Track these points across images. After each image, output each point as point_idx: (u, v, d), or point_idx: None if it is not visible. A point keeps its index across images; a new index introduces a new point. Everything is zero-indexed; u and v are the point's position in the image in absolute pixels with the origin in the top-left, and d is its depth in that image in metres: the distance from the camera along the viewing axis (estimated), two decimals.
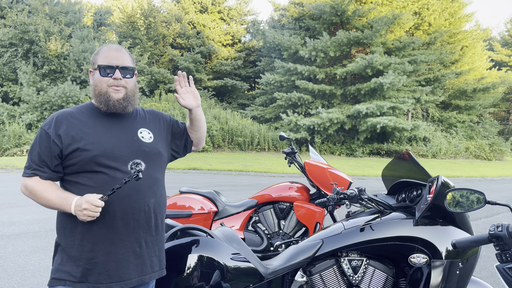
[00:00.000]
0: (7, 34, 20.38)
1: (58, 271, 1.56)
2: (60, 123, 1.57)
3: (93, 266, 1.54)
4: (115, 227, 1.56)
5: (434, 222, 2.09)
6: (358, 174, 13.01)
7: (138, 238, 1.62)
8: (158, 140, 1.77)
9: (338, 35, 19.56)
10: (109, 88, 1.62)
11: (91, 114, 1.66)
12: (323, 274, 2.14)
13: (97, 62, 1.64)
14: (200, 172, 12.65)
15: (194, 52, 26.11)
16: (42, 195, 1.53)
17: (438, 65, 23.77)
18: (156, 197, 1.69)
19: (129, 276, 1.58)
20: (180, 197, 3.76)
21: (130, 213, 1.58)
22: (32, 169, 1.57)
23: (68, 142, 1.54)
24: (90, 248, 1.54)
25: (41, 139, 1.57)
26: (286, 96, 20.10)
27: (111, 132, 1.63)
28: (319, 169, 3.88)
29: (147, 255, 1.65)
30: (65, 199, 1.51)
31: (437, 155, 20.57)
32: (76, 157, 1.54)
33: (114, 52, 1.65)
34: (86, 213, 1.46)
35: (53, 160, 1.55)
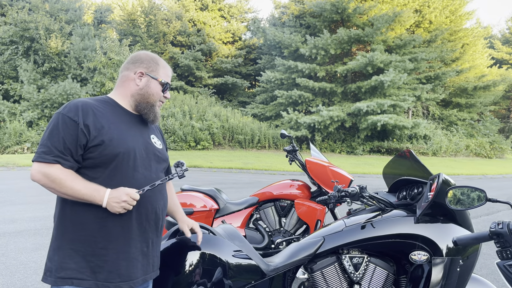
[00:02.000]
0: (7, 32, 20.36)
1: (63, 269, 1.49)
2: (87, 112, 1.53)
3: (104, 264, 1.51)
4: (130, 227, 1.56)
5: (435, 219, 2.10)
6: (358, 172, 13.02)
7: (147, 239, 1.63)
8: (164, 147, 1.84)
9: (339, 32, 19.54)
10: (158, 102, 1.72)
11: (114, 110, 1.65)
12: (324, 271, 2.15)
13: (159, 74, 1.73)
14: (201, 169, 12.66)
15: (194, 50, 26.09)
16: (68, 185, 1.45)
17: (439, 63, 23.74)
18: (164, 199, 1.75)
19: (137, 275, 1.59)
20: (182, 195, 3.77)
21: (144, 214, 1.60)
22: (54, 155, 1.46)
23: (95, 134, 1.50)
24: (104, 245, 1.51)
25: (65, 125, 1.48)
26: (287, 94, 20.10)
27: (132, 132, 1.64)
28: (320, 167, 3.89)
29: (151, 255, 1.67)
30: (96, 191, 1.47)
31: (438, 153, 20.58)
32: (99, 151, 1.51)
33: (170, 72, 1.80)
34: (123, 205, 1.47)
35: (78, 150, 1.49)
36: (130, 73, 1.70)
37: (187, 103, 21.21)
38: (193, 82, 26.75)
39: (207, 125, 19.34)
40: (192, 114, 20.16)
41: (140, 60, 1.72)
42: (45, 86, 19.65)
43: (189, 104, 21.19)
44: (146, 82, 1.70)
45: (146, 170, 1.63)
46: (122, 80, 1.72)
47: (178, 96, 22.32)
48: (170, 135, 18.75)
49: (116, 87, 1.74)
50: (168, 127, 18.84)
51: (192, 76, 26.43)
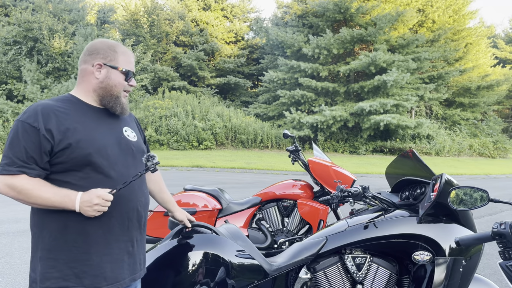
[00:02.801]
0: (11, 32, 20.45)
1: (47, 279, 1.43)
2: (48, 116, 1.43)
3: (88, 269, 1.45)
4: (111, 228, 1.50)
5: (437, 219, 2.10)
6: (361, 171, 13.01)
7: (132, 238, 1.58)
8: (140, 139, 1.74)
9: (342, 32, 19.51)
10: (122, 92, 1.62)
11: (77, 109, 1.54)
12: (327, 271, 2.16)
13: (119, 63, 1.60)
14: (204, 169, 12.68)
15: (197, 50, 26.11)
16: (36, 194, 1.38)
17: (442, 62, 23.68)
18: (145, 196, 1.68)
19: (123, 276, 1.54)
20: (184, 195, 3.78)
21: (125, 212, 1.54)
22: (17, 166, 1.39)
23: (59, 138, 1.42)
24: (85, 249, 1.45)
25: (26, 133, 1.40)
26: (289, 93, 20.09)
27: (101, 129, 1.55)
28: (322, 167, 3.89)
29: (137, 254, 1.62)
30: (67, 196, 1.40)
31: (441, 153, 20.52)
32: (67, 155, 1.43)
33: (132, 58, 1.66)
34: (96, 208, 1.40)
35: (42, 157, 1.41)
36: (88, 66, 1.58)
37: (190, 103, 21.23)
38: (195, 82, 26.78)
39: (209, 125, 19.36)
40: (194, 114, 20.19)
41: (96, 50, 1.58)
42: (48, 86, 19.72)
43: (192, 104, 21.21)
44: (106, 74, 1.58)
45: (123, 166, 1.55)
46: (81, 75, 1.60)
47: (181, 96, 22.35)
48: (173, 134, 18.77)
49: (77, 83, 1.62)
50: (171, 127, 18.87)
51: (195, 76, 26.46)
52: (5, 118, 19.09)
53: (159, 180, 1.97)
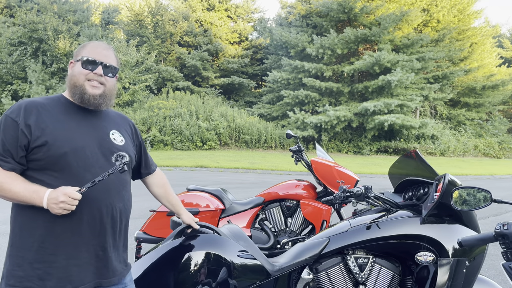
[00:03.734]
0: (16, 33, 20.58)
1: (12, 276, 1.43)
2: (30, 112, 1.45)
3: (53, 270, 1.43)
4: (80, 231, 1.46)
5: (440, 220, 2.09)
6: (365, 172, 12.97)
7: (103, 243, 1.53)
8: (129, 144, 1.71)
9: (346, 32, 19.47)
10: (86, 81, 1.56)
11: (63, 108, 1.56)
12: (329, 272, 2.15)
13: (82, 55, 1.57)
14: (207, 169, 12.69)
15: (201, 50, 26.16)
16: (7, 187, 1.39)
17: (447, 62, 23.56)
18: (124, 201, 1.62)
19: (89, 279, 1.50)
20: (187, 195, 3.78)
21: (98, 217, 1.50)
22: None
23: (37, 134, 1.42)
24: (52, 251, 1.43)
25: (6, 126, 1.42)
26: (293, 93, 20.07)
27: (83, 130, 1.54)
28: (326, 167, 3.88)
29: (109, 259, 1.56)
30: (35, 192, 1.39)
31: (446, 153, 20.43)
32: (43, 152, 1.43)
33: (101, 49, 1.62)
34: (62, 206, 1.37)
35: (18, 151, 1.42)
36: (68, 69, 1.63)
37: (194, 103, 21.26)
38: (199, 82, 26.82)
39: (213, 125, 19.38)
40: (198, 114, 20.22)
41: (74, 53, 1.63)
42: (53, 87, 19.82)
43: (196, 104, 21.24)
44: (72, 68, 1.59)
45: (100, 169, 1.51)
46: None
47: (185, 96, 22.40)
48: (177, 135, 18.81)
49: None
50: (175, 127, 18.91)
51: (199, 76, 26.50)
52: None
53: (164, 184, 1.97)
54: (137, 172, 1.89)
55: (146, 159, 1.90)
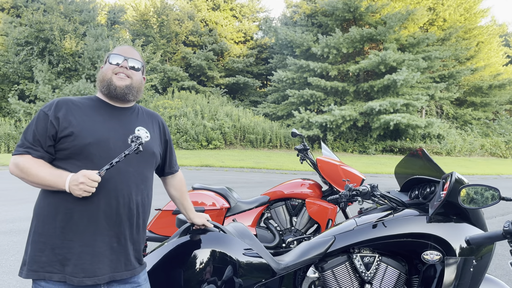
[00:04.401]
0: (23, 33, 20.71)
1: (35, 262, 1.50)
2: (60, 107, 1.59)
3: (71, 257, 1.49)
4: (97, 219, 1.52)
5: (447, 219, 2.07)
6: (371, 171, 12.93)
7: (118, 234, 1.57)
8: (154, 140, 1.76)
9: (351, 31, 19.41)
10: (114, 75, 1.68)
11: (93, 105, 1.67)
12: (335, 270, 2.14)
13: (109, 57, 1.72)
14: (213, 169, 12.71)
15: (206, 50, 26.19)
16: (34, 172, 1.49)
17: (453, 61, 23.41)
18: (143, 195, 1.67)
19: (103, 272, 1.53)
20: (193, 193, 3.79)
21: (115, 207, 1.55)
22: (25, 147, 1.54)
23: (64, 125, 1.54)
24: (71, 237, 1.50)
25: (39, 119, 1.56)
26: (298, 93, 20.04)
27: (109, 124, 1.63)
28: (331, 166, 3.87)
29: (123, 252, 1.59)
30: (59, 176, 1.48)
31: (452, 153, 20.31)
32: (69, 142, 1.53)
33: (127, 48, 1.75)
34: (82, 187, 1.44)
35: (47, 140, 1.54)
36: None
37: (199, 103, 21.30)
38: (205, 82, 26.86)
39: (218, 124, 19.40)
40: (204, 113, 20.24)
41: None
42: (59, 86, 19.93)
43: (201, 103, 21.27)
44: (101, 70, 1.73)
45: (122, 162, 1.56)
46: None
47: (190, 96, 22.44)
48: (182, 134, 18.85)
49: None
50: (180, 126, 18.95)
51: (204, 76, 26.54)
52: (17, 118, 19.34)
53: (181, 187, 2.02)
54: (161, 170, 1.95)
55: (171, 158, 1.96)
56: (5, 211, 6.22)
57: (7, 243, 4.70)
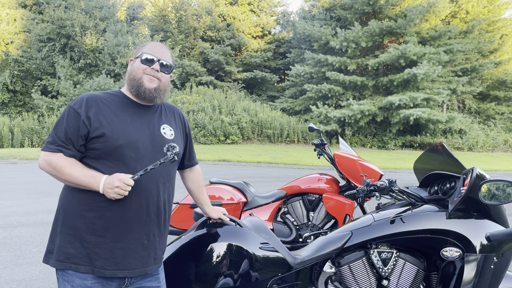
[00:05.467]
0: (45, 29, 21.13)
1: (62, 252, 1.54)
2: (90, 105, 1.59)
3: (101, 251, 1.54)
4: (128, 218, 1.57)
5: (468, 215, 2.03)
6: (390, 167, 12.77)
7: (148, 231, 1.63)
8: (178, 137, 1.80)
9: (370, 25, 19.13)
10: (144, 75, 1.68)
11: (120, 103, 1.68)
12: (352, 266, 2.12)
13: (141, 51, 1.72)
14: (230, 163, 12.76)
15: (224, 45, 26.24)
16: (67, 172, 1.52)
17: (476, 54, 22.84)
18: (169, 193, 1.73)
19: (134, 266, 1.59)
20: (210, 187, 3.81)
21: (145, 206, 1.60)
22: (57, 145, 1.55)
23: (96, 125, 1.55)
24: (102, 233, 1.54)
25: (70, 117, 1.57)
26: (316, 87, 19.90)
27: (136, 124, 1.65)
28: (349, 161, 3.83)
29: (152, 248, 1.66)
30: (93, 177, 1.51)
31: (474, 148, 19.88)
32: (100, 142, 1.55)
33: (159, 47, 1.75)
34: (117, 190, 1.49)
35: (79, 140, 1.55)
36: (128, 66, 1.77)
37: (217, 98, 21.38)
38: (222, 77, 26.93)
39: (236, 119, 19.45)
40: (221, 108, 20.32)
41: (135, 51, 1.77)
42: (80, 82, 20.29)
43: (219, 98, 21.35)
44: (131, 65, 1.73)
45: (150, 162, 1.62)
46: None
47: (208, 91, 22.54)
48: (200, 129, 18.98)
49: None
50: (198, 121, 19.07)
51: (222, 71, 26.61)
52: (40, 112, 19.80)
53: (199, 181, 2.05)
54: (181, 163, 1.98)
55: (190, 151, 1.99)
56: (28, 203, 6.39)
57: (30, 234, 4.83)
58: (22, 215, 5.70)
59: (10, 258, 4.05)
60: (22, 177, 9.12)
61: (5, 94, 20.65)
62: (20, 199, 6.66)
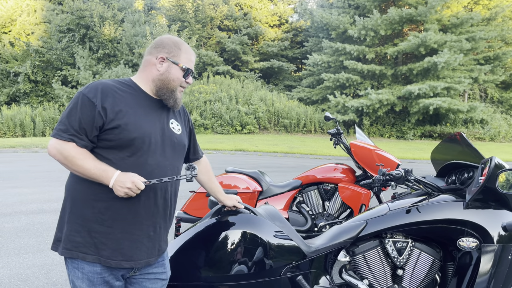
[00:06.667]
0: (64, 20, 21.41)
1: (70, 241, 1.55)
2: (106, 95, 1.56)
3: (108, 241, 1.55)
4: (136, 210, 1.58)
5: (486, 205, 2.00)
6: (408, 157, 12.60)
7: (154, 223, 1.65)
8: (184, 132, 1.82)
9: (390, 12, 18.74)
10: (179, 87, 1.71)
11: (134, 95, 1.66)
12: (366, 255, 2.12)
13: (181, 60, 1.69)
14: (247, 153, 12.79)
15: (241, 34, 26.14)
16: (79, 163, 1.50)
17: (499, 42, 22.17)
18: (175, 186, 1.75)
19: (140, 257, 1.61)
20: (226, 176, 3.84)
21: (153, 199, 1.62)
22: (70, 134, 1.51)
23: (112, 117, 1.53)
24: (110, 224, 1.55)
25: (84, 105, 1.53)
26: (334, 77, 19.68)
27: (149, 118, 1.64)
28: (365, 150, 3.80)
29: (157, 240, 1.68)
30: (105, 171, 1.51)
31: (496, 138, 19.43)
32: (114, 134, 1.54)
33: (193, 57, 1.76)
34: (127, 191, 1.50)
35: (93, 131, 1.52)
36: (152, 58, 1.69)
37: (234, 88, 21.38)
38: (239, 66, 26.88)
39: (253, 109, 19.44)
40: (238, 98, 20.32)
41: (162, 45, 1.69)
42: (99, 72, 20.54)
43: (236, 88, 21.35)
44: (166, 68, 1.68)
45: (161, 156, 1.63)
46: (144, 65, 1.72)
47: (225, 81, 22.55)
48: (217, 119, 19.04)
49: (139, 70, 1.74)
50: (215, 111, 19.14)
51: (239, 61, 26.55)
52: (61, 102, 20.17)
53: (208, 171, 2.06)
54: (186, 158, 1.99)
55: (195, 145, 2.00)
56: (50, 191, 6.56)
57: (52, 221, 4.97)
58: (44, 202, 5.85)
59: (32, 244, 4.18)
60: (44, 165, 9.35)
61: (27, 84, 21.06)
62: (42, 187, 6.83)
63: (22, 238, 4.36)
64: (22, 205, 5.68)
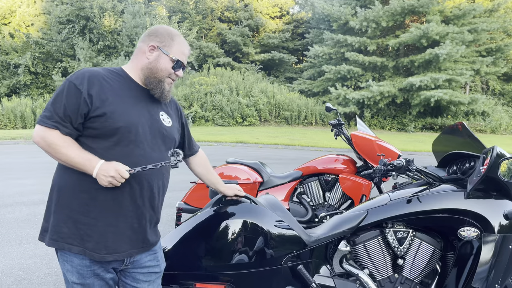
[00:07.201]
0: (64, 11, 21.30)
1: (56, 232, 1.53)
2: (93, 83, 1.52)
3: (93, 234, 1.52)
4: (121, 202, 1.55)
5: (487, 195, 2.00)
6: (409, 149, 12.59)
7: (139, 216, 1.61)
8: (175, 125, 1.78)
9: (391, 3, 18.61)
10: (167, 78, 1.67)
11: (123, 83, 1.63)
12: (367, 244, 2.13)
13: (172, 50, 1.66)
14: (247, 145, 12.79)
15: (242, 26, 26.01)
16: (63, 151, 1.47)
17: (501, 34, 22.03)
18: (163, 179, 1.70)
19: (123, 249, 1.58)
20: (227, 167, 3.84)
21: (138, 190, 1.58)
22: (54, 120, 1.48)
23: (97, 104, 1.50)
24: (95, 215, 1.52)
25: (70, 93, 1.49)
26: (335, 69, 19.60)
27: (138, 107, 1.61)
28: (366, 141, 3.79)
29: (142, 232, 1.64)
30: (89, 160, 1.47)
31: (497, 131, 19.40)
32: (100, 122, 1.50)
33: (187, 50, 1.72)
34: (110, 180, 1.46)
35: (78, 118, 1.49)
36: (144, 46, 1.66)
37: (234, 80, 21.31)
38: (240, 58, 26.77)
39: (253, 101, 19.39)
40: (239, 90, 20.27)
41: (156, 33, 1.67)
42: (100, 64, 20.48)
43: (236, 80, 21.28)
44: (156, 57, 1.65)
45: (148, 147, 1.60)
46: (136, 53, 1.69)
47: (226, 73, 22.47)
48: (218, 111, 19.01)
49: (131, 59, 1.71)
50: (215, 103, 19.10)
51: (239, 52, 26.44)
52: None
53: (205, 163, 2.04)
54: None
55: (189, 140, 1.97)
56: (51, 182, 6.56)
57: None
58: (45, 194, 5.86)
59: (33, 234, 4.19)
60: (45, 156, 9.32)
61: (27, 76, 21.02)
62: (43, 178, 6.84)
63: (24, 228, 4.37)
64: (23, 196, 5.69)
